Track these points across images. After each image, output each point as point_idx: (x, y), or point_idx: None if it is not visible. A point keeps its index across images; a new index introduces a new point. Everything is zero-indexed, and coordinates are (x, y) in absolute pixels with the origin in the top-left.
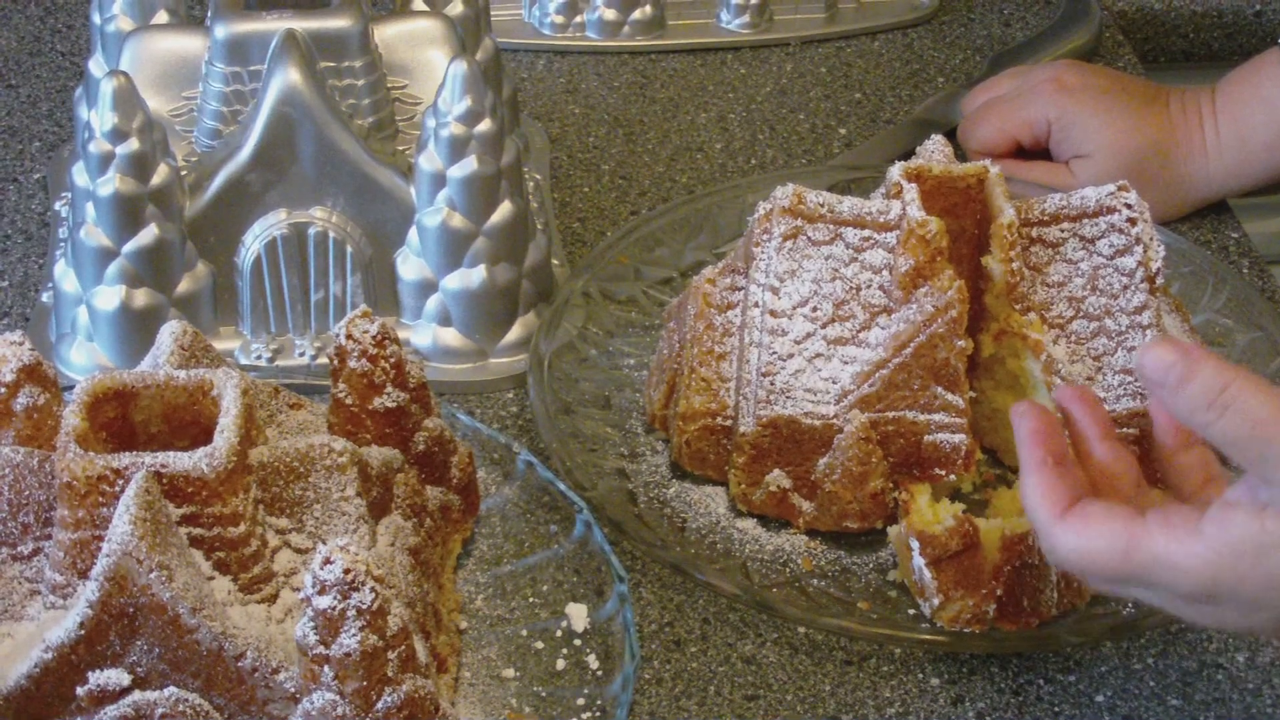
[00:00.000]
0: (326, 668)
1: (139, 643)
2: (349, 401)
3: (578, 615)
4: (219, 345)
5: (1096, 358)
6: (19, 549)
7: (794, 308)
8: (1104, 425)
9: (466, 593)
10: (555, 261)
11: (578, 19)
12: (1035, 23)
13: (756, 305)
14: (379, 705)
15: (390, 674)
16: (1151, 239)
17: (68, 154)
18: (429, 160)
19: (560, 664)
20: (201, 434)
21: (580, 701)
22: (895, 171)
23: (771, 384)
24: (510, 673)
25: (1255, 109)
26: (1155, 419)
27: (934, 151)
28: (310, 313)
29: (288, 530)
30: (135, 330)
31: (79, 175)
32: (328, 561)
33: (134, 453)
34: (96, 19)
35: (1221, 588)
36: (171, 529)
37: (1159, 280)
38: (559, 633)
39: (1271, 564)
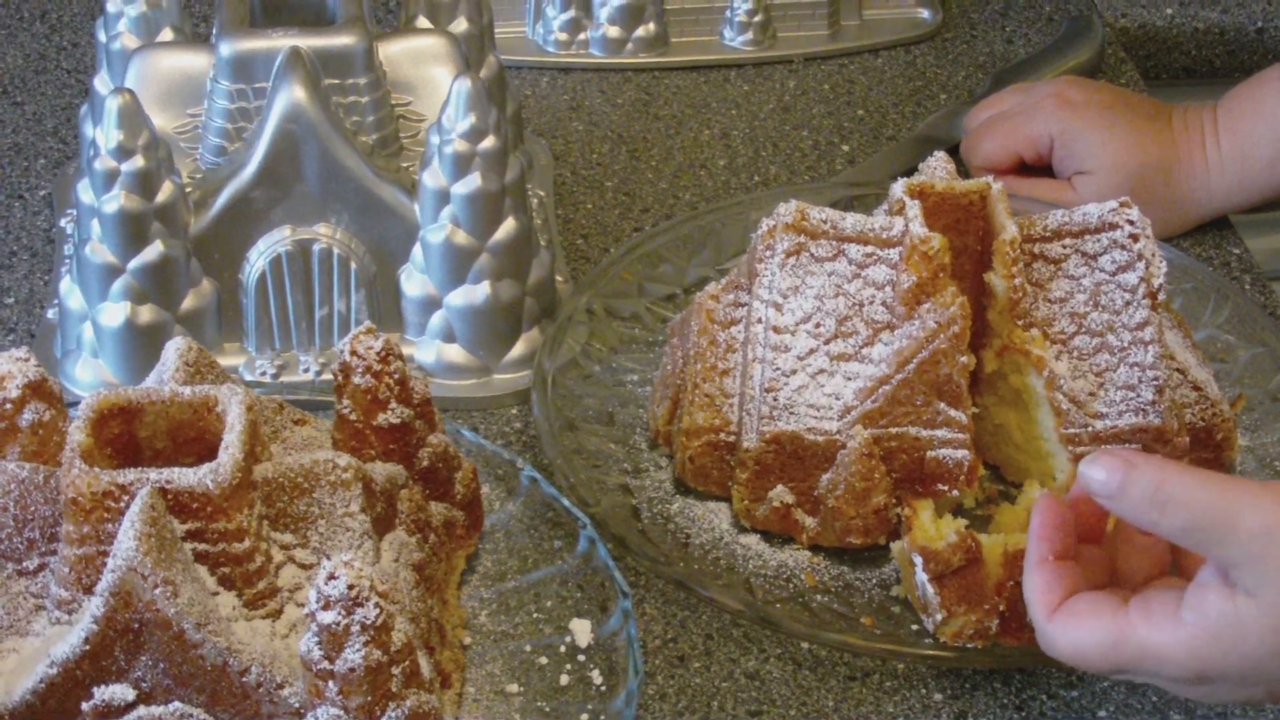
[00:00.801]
0: (331, 683)
1: (144, 658)
2: (353, 417)
3: (581, 631)
4: (224, 361)
5: (1099, 373)
6: (24, 564)
7: (797, 324)
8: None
9: (470, 608)
10: (559, 278)
11: (581, 36)
12: (1038, 40)
13: (760, 321)
14: None
15: (394, 689)
16: (1154, 255)
17: (73, 171)
18: (433, 177)
19: (564, 679)
20: (206, 450)
21: (584, 717)
22: (898, 188)
23: (775, 400)
24: (514, 688)
25: (1257, 126)
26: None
27: (936, 168)
28: (314, 329)
29: (292, 546)
30: (140, 347)
31: (84, 192)
32: (332, 577)
33: (139, 469)
34: (102, 36)
35: (1209, 669)
36: (176, 545)
37: (1161, 296)
38: (563, 648)
39: (1249, 643)
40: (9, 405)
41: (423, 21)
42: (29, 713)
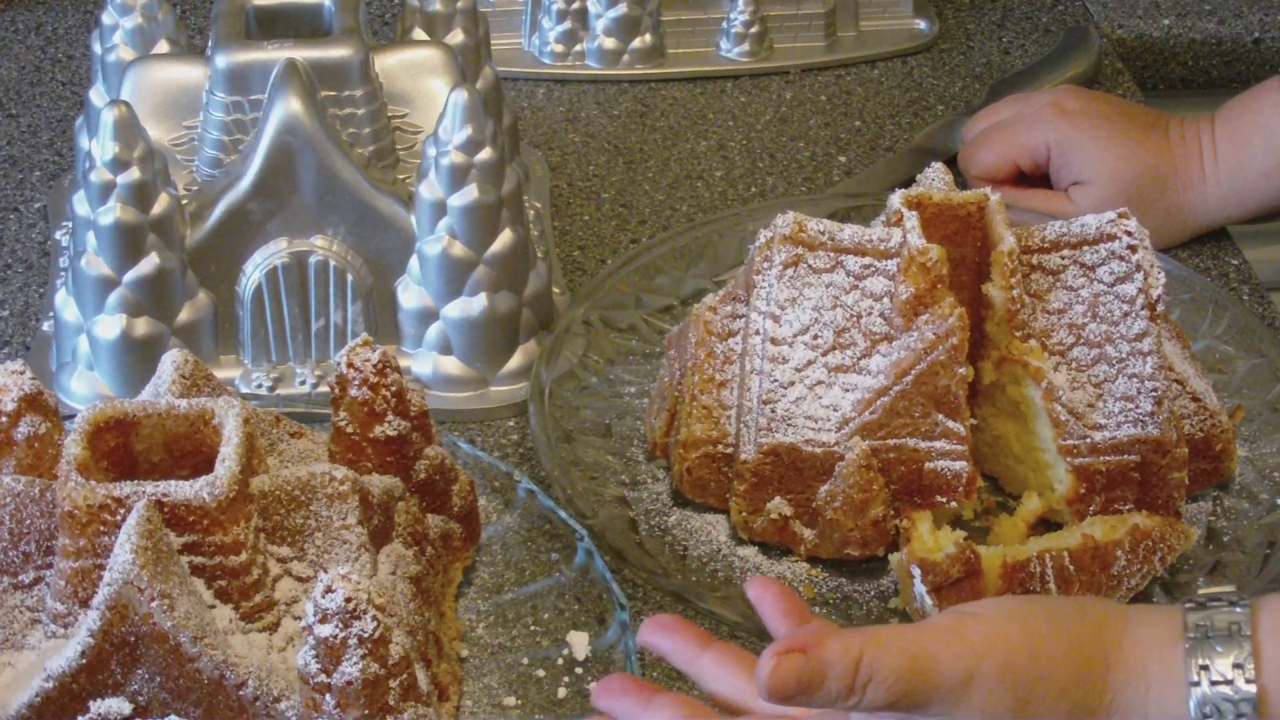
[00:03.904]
0: (328, 696)
1: (140, 671)
2: (350, 430)
3: (579, 643)
4: (220, 374)
5: (1097, 385)
6: (20, 578)
7: (795, 335)
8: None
9: (467, 621)
10: (556, 290)
11: (577, 48)
12: (1034, 50)
13: (757, 333)
14: None
15: (392, 702)
16: (1152, 266)
17: (68, 183)
18: (429, 189)
19: (561, 692)
20: (203, 463)
21: None
22: (895, 199)
23: (772, 411)
24: (511, 701)
25: (1253, 137)
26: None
27: (934, 179)
28: (311, 341)
29: (289, 559)
30: (136, 359)
31: (80, 204)
32: (329, 590)
33: (135, 481)
34: (97, 49)
35: None
36: (173, 558)
37: (1159, 307)
38: (560, 661)
39: None
40: (4, 419)
41: (419, 33)
42: None
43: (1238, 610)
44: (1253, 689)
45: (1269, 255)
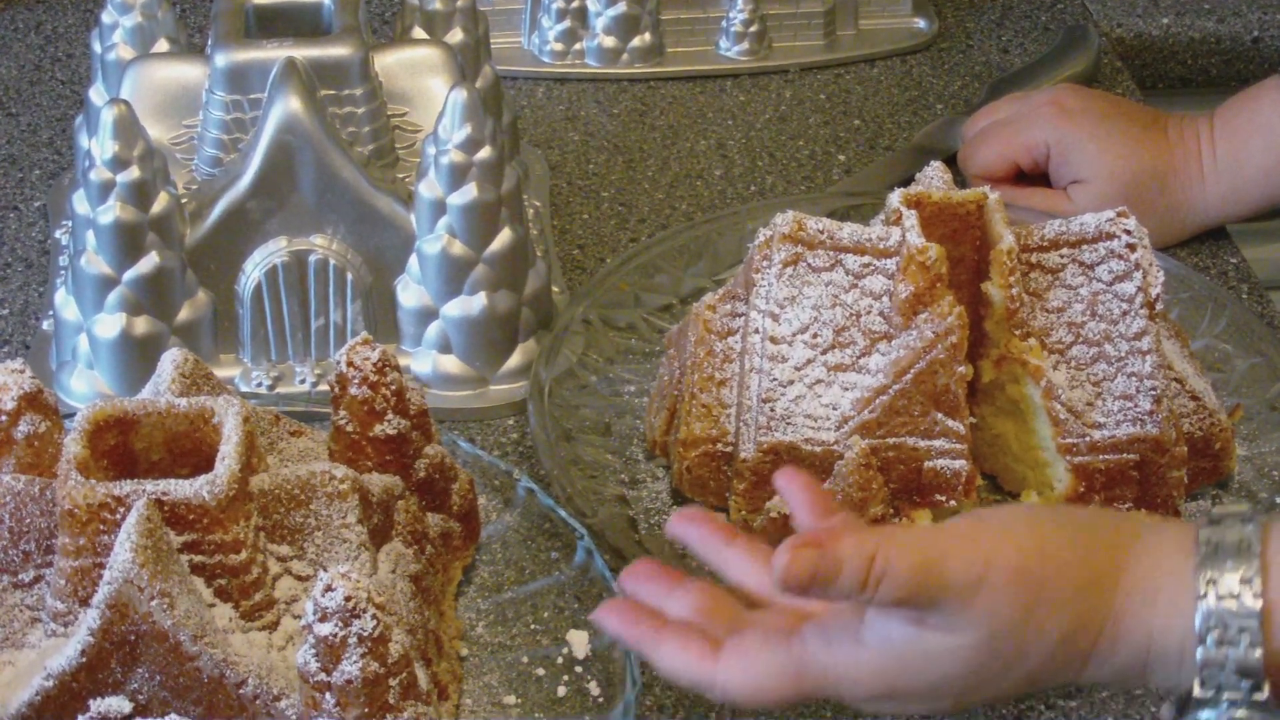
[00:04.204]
0: (328, 695)
1: (140, 670)
2: (350, 429)
3: (579, 642)
4: (220, 373)
5: (1096, 383)
6: (20, 577)
7: (794, 334)
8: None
9: (467, 620)
10: (555, 288)
11: (577, 46)
12: (1033, 49)
13: (757, 331)
14: None
15: (391, 701)
16: (1151, 265)
17: (68, 182)
18: (429, 188)
19: (561, 691)
20: (203, 461)
21: None
22: (895, 198)
23: (772, 410)
24: (511, 700)
25: (1251, 136)
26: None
27: (933, 178)
28: (311, 340)
29: (289, 557)
30: (136, 358)
31: (79, 203)
32: (329, 588)
33: (135, 480)
34: (97, 47)
35: (896, 689)
36: (173, 556)
37: (1158, 306)
38: (560, 659)
39: (938, 669)
40: (4, 417)
41: (418, 32)
42: None
43: (1249, 528)
44: (1259, 604)
45: (1268, 254)
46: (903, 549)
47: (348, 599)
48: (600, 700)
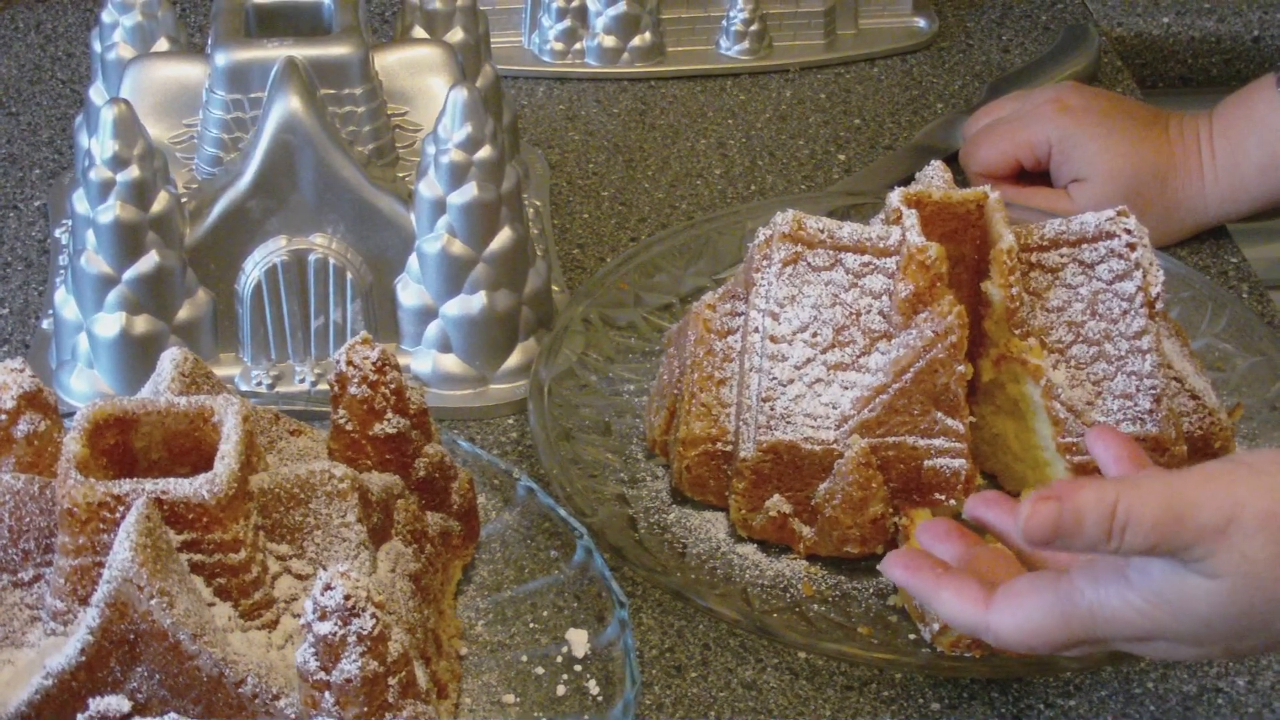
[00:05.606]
0: (327, 694)
1: (140, 669)
2: (349, 428)
3: (578, 641)
4: (219, 372)
5: (1096, 382)
6: (19, 576)
7: (794, 333)
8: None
9: (467, 618)
10: (555, 288)
11: (577, 46)
12: (1034, 49)
13: (756, 331)
14: None
15: (391, 700)
16: (1151, 264)
17: (68, 181)
18: (429, 187)
19: (561, 690)
20: (202, 460)
21: None
22: (895, 197)
23: (771, 409)
24: (510, 698)
25: (1248, 134)
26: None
27: (933, 177)
28: (310, 339)
29: (288, 556)
30: (136, 357)
31: (79, 202)
32: (328, 587)
33: (135, 479)
34: (97, 47)
35: (1161, 629)
36: (172, 555)
37: (1159, 305)
38: (559, 658)
39: (1200, 611)
40: (4, 416)
41: (419, 31)
42: None
43: None
44: None
45: (1268, 253)
46: (1146, 497)
47: (347, 598)
48: (600, 699)
